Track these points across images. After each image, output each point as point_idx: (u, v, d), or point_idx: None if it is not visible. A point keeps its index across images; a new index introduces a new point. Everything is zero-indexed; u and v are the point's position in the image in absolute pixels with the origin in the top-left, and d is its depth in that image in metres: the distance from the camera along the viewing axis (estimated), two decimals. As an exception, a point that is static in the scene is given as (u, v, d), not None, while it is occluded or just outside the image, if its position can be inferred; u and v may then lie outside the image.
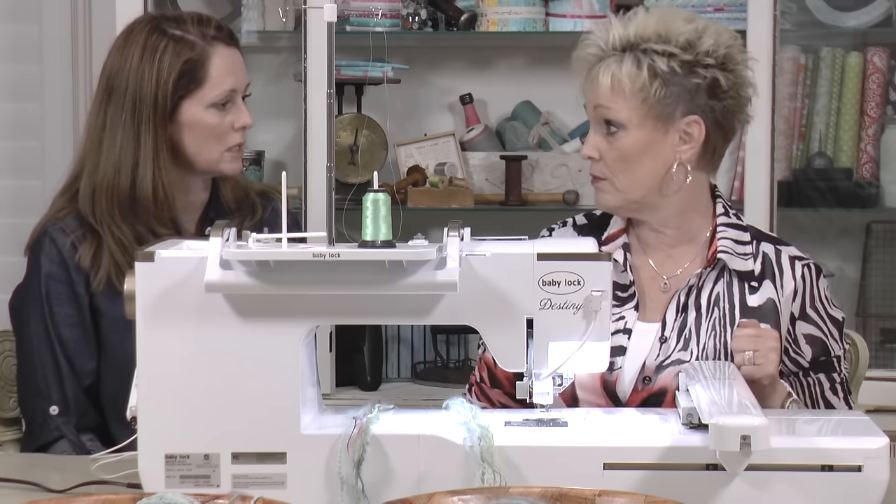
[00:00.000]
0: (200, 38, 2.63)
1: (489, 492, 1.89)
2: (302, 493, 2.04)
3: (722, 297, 2.49)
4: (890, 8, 3.93)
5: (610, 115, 2.45)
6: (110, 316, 2.63)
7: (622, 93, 2.44)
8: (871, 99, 3.99)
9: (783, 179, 3.91)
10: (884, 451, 2.02)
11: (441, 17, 4.02)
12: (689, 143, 2.46)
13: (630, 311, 2.50)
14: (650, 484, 2.00)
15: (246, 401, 2.06)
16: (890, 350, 3.98)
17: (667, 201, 2.49)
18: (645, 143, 2.45)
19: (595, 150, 2.48)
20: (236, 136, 2.68)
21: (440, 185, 3.97)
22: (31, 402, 2.64)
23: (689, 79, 2.44)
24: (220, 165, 2.69)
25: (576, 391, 2.47)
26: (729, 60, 2.46)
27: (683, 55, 2.43)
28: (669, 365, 2.45)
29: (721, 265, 2.49)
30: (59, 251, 2.64)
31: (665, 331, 2.48)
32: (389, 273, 2.02)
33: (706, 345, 2.46)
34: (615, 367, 2.46)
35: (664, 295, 2.52)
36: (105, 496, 1.89)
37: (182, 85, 2.62)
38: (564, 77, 4.19)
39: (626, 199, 2.49)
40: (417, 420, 2.12)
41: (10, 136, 4.26)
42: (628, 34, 2.45)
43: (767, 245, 2.53)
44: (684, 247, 2.54)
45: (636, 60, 2.43)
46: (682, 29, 2.45)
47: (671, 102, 2.44)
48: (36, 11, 4.23)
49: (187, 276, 2.05)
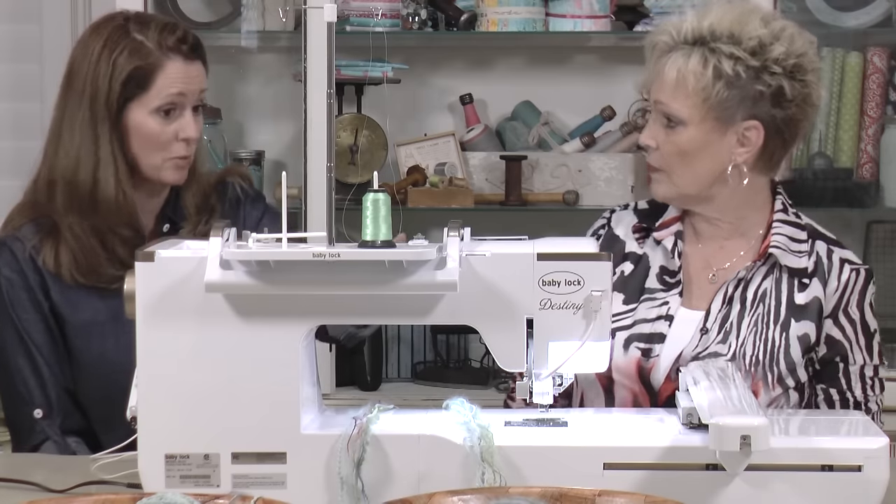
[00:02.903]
0: (157, 46, 2.60)
1: (489, 492, 1.89)
2: (302, 493, 2.04)
3: (769, 293, 2.48)
4: (890, 8, 3.93)
5: (670, 111, 2.45)
6: (73, 322, 2.62)
7: (685, 89, 2.42)
8: (871, 99, 3.99)
9: (783, 179, 3.90)
10: (884, 451, 2.01)
11: (441, 17, 4.02)
12: (747, 146, 2.45)
13: (674, 297, 2.50)
14: (650, 484, 2.00)
15: (246, 401, 2.06)
16: (890, 350, 3.98)
17: (722, 197, 2.49)
18: (702, 142, 2.44)
19: (653, 140, 2.48)
20: (180, 147, 2.63)
21: (440, 185, 3.97)
22: (15, 409, 2.63)
23: (754, 84, 2.42)
24: (161, 174, 2.64)
25: (612, 374, 2.46)
26: (798, 70, 2.43)
27: (751, 60, 2.41)
28: (706, 357, 2.44)
29: (773, 261, 2.49)
30: (16, 260, 2.62)
31: (708, 321, 2.48)
32: (389, 273, 2.02)
33: (745, 340, 2.45)
34: (652, 354, 2.46)
35: (712, 285, 2.52)
36: (105, 496, 1.89)
37: (129, 89, 2.60)
38: (564, 77, 4.24)
39: (680, 193, 2.49)
40: (417, 420, 2.11)
41: (10, 136, 4.26)
42: (702, 27, 2.43)
43: (822, 244, 2.51)
44: (738, 240, 2.54)
45: (703, 58, 2.42)
46: (757, 31, 2.42)
47: (732, 105, 2.42)
48: (36, 11, 4.23)
49: (187, 276, 2.05)
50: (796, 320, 2.46)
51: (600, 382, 2.47)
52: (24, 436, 2.62)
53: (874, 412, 2.49)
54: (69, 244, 2.60)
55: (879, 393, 2.51)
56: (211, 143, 3.88)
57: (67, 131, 2.63)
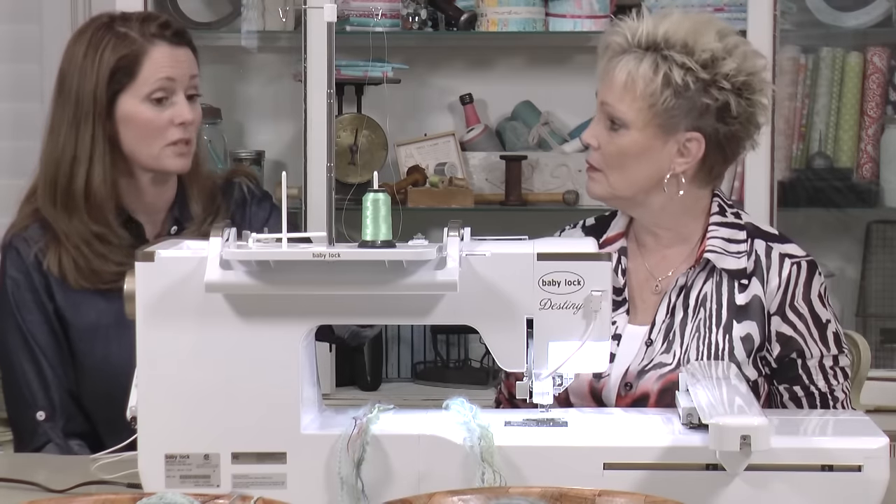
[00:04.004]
0: (140, 35, 2.61)
1: (489, 492, 1.88)
2: (302, 493, 2.04)
3: (710, 297, 2.48)
4: (890, 8, 3.93)
5: (615, 113, 2.44)
6: (76, 325, 2.62)
7: (633, 92, 2.42)
8: (871, 99, 3.99)
9: (783, 179, 3.91)
10: (884, 451, 2.01)
11: (441, 17, 4.02)
12: (687, 157, 2.45)
13: (621, 316, 2.50)
14: (650, 484, 2.00)
15: (246, 401, 2.06)
16: (890, 350, 3.98)
17: (657, 204, 2.49)
18: (643, 147, 2.45)
19: (595, 140, 2.48)
20: (176, 132, 2.62)
21: (440, 185, 3.98)
22: (17, 411, 2.63)
23: (701, 97, 2.42)
24: (162, 162, 2.64)
25: (569, 396, 2.47)
26: (746, 88, 2.43)
27: (702, 72, 2.41)
28: (651, 369, 2.44)
29: (711, 265, 2.49)
30: (22, 261, 2.63)
31: (652, 333, 2.48)
32: (389, 273, 2.02)
33: (689, 346, 2.45)
34: (603, 374, 2.46)
35: (656, 297, 2.51)
36: (105, 496, 1.89)
37: (117, 80, 2.59)
38: (564, 77, 4.24)
39: (614, 194, 2.49)
40: (417, 420, 2.11)
41: (10, 136, 4.26)
42: (657, 33, 2.43)
43: (760, 242, 2.51)
44: (679, 247, 2.54)
45: (654, 64, 2.42)
46: (710, 45, 2.41)
47: (677, 115, 2.42)
48: (36, 11, 4.24)
49: (187, 276, 2.05)
50: (738, 321, 2.46)
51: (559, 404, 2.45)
52: (27, 438, 2.62)
53: (841, 400, 2.48)
54: (68, 250, 2.60)
55: (844, 381, 2.49)
56: (211, 143, 3.88)
57: (52, 134, 2.63)
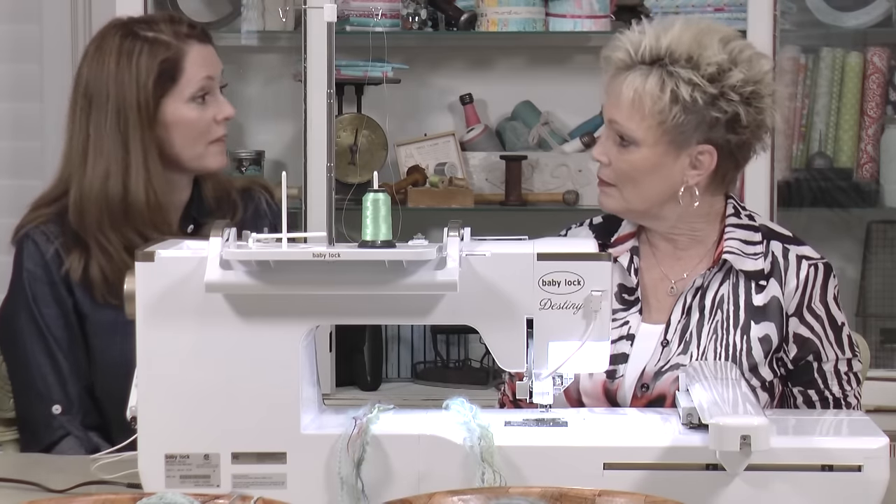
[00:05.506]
0: (174, 37, 2.64)
1: (489, 492, 1.88)
2: (302, 493, 2.04)
3: (727, 298, 2.47)
4: (890, 8, 3.93)
5: (624, 131, 2.42)
6: (94, 320, 2.63)
7: (641, 110, 2.40)
8: (871, 99, 3.99)
9: (783, 179, 3.91)
10: (884, 451, 2.01)
11: (441, 17, 4.02)
12: (699, 169, 2.44)
13: (634, 315, 2.49)
14: (650, 484, 2.00)
15: (246, 401, 2.06)
16: (890, 350, 3.98)
17: (673, 215, 2.48)
18: (655, 164, 2.43)
19: (605, 156, 2.46)
20: (219, 129, 2.69)
21: (440, 185, 3.97)
22: (31, 406, 2.62)
23: (710, 111, 2.40)
24: (205, 160, 2.69)
25: (581, 397, 2.46)
26: (755, 97, 2.42)
27: (709, 87, 2.38)
28: (668, 370, 2.44)
29: (728, 266, 2.48)
30: (41, 254, 2.63)
31: (668, 333, 2.47)
32: (389, 273, 2.02)
33: (706, 348, 2.45)
34: (617, 375, 2.45)
35: (671, 298, 2.51)
36: (105, 496, 1.89)
37: (161, 84, 2.62)
38: (564, 77, 4.24)
39: (629, 209, 2.48)
40: (417, 420, 2.11)
41: (10, 136, 4.26)
42: (660, 47, 2.40)
43: (776, 244, 2.50)
44: (694, 249, 2.52)
45: (661, 80, 2.39)
46: (715, 57, 2.39)
47: (687, 130, 2.40)
48: (36, 11, 4.23)
49: (187, 276, 2.05)
50: (756, 322, 2.46)
51: (571, 405, 2.45)
52: (41, 432, 2.60)
53: (854, 406, 2.48)
54: (99, 261, 2.60)
55: (857, 386, 2.50)
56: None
57: (95, 150, 2.63)
